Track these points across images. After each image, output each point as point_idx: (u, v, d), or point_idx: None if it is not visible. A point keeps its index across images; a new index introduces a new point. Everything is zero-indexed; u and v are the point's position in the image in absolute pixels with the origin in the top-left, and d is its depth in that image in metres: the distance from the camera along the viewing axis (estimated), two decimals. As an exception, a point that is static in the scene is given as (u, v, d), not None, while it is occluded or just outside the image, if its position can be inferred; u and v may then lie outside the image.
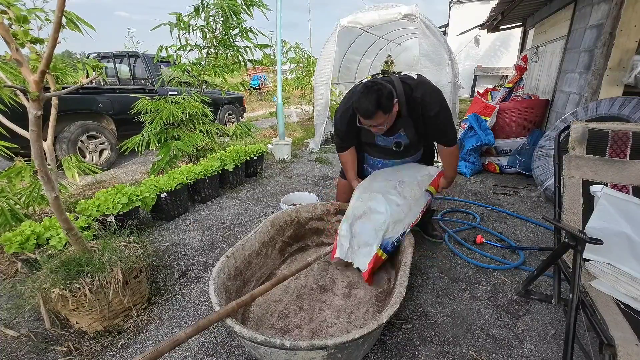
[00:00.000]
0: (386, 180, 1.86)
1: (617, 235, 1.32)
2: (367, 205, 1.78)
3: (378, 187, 1.84)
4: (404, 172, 1.93)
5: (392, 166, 2.02)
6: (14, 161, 2.13)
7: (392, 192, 1.80)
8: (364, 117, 1.57)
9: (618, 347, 0.93)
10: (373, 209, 1.76)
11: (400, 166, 2.00)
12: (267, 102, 12.54)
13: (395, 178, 1.87)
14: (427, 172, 1.94)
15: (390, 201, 1.75)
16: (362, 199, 1.83)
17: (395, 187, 1.81)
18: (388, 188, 1.81)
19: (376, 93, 1.50)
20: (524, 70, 3.98)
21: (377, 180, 1.91)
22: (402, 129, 1.76)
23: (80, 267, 1.41)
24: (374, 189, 1.84)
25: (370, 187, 1.87)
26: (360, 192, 1.88)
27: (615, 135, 1.53)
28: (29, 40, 1.17)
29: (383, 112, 1.53)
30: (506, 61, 11.24)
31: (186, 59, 3.48)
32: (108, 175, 4.06)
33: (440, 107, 1.67)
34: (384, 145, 1.89)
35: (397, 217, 1.72)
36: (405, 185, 1.83)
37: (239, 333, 1.06)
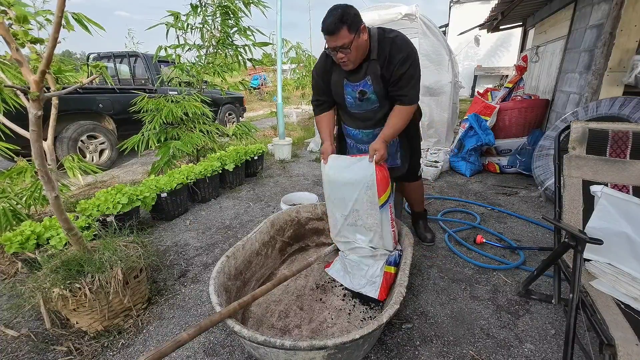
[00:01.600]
0: (344, 216, 1.72)
1: (617, 235, 1.32)
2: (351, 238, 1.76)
3: (342, 228, 1.76)
4: (348, 198, 1.68)
5: (361, 137, 1.89)
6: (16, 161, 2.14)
7: (355, 228, 1.71)
8: (328, 33, 1.47)
9: (618, 347, 0.93)
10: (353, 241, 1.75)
11: (340, 187, 1.71)
12: (267, 102, 12.55)
13: (349, 208, 1.68)
14: (365, 184, 1.61)
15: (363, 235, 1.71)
16: (341, 241, 1.82)
17: (356, 221, 1.69)
18: (352, 226, 1.72)
19: (342, 9, 1.44)
20: (524, 70, 3.98)
21: (337, 216, 1.77)
22: (369, 77, 1.64)
23: (80, 267, 1.41)
24: (342, 231, 1.76)
25: (337, 229, 1.79)
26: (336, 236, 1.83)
27: (616, 135, 1.53)
28: (29, 40, 1.17)
29: (348, 29, 1.44)
30: (506, 61, 11.23)
31: (185, 59, 3.49)
32: (108, 175, 4.07)
33: (409, 54, 1.58)
34: (352, 97, 1.74)
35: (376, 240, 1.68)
36: (360, 213, 1.66)
37: (239, 333, 1.06)
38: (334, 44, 1.50)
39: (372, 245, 1.68)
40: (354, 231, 1.72)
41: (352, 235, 1.74)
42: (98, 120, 4.34)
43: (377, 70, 1.62)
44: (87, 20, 1.43)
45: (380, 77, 1.63)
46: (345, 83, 1.71)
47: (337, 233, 1.80)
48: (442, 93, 4.06)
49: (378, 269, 1.65)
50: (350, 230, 1.74)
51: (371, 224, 1.64)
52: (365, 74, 1.64)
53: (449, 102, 4.06)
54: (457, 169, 3.73)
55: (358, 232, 1.71)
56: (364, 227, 1.67)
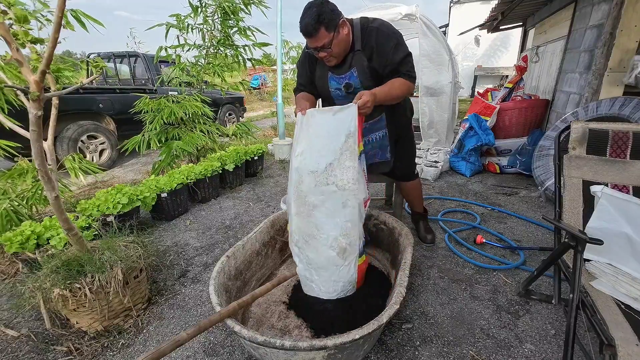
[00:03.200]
0: (313, 174, 1.44)
1: (617, 235, 1.32)
2: (311, 221, 1.46)
3: (309, 189, 1.45)
4: (325, 150, 1.43)
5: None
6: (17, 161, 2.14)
7: (326, 189, 1.42)
8: (306, 35, 1.43)
9: (618, 347, 0.93)
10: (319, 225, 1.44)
11: (314, 139, 1.47)
12: (267, 102, 12.54)
13: (323, 163, 1.42)
14: (346, 131, 1.40)
15: (334, 203, 1.41)
16: (303, 215, 1.48)
17: (327, 178, 1.41)
18: (322, 186, 1.43)
19: (317, 7, 1.38)
20: (524, 70, 3.98)
21: (303, 175, 1.47)
22: (355, 68, 1.60)
23: (80, 267, 1.41)
24: (308, 196, 1.45)
25: (302, 193, 1.48)
26: (295, 207, 1.50)
27: (616, 135, 1.53)
28: (29, 40, 1.18)
29: (326, 29, 1.40)
30: (506, 61, 11.23)
31: (185, 59, 3.49)
32: (108, 175, 4.07)
33: (398, 39, 1.55)
34: (337, 89, 1.68)
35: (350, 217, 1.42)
36: (335, 168, 1.40)
37: (239, 333, 1.06)
38: (313, 44, 1.48)
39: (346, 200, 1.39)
40: (322, 196, 1.42)
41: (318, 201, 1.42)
42: (98, 120, 4.34)
43: (364, 61, 1.59)
44: (86, 17, 1.43)
45: (367, 69, 1.60)
46: (330, 76, 1.68)
47: (298, 212, 1.48)
48: (442, 93, 4.06)
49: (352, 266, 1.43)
50: (318, 192, 1.42)
51: (347, 181, 1.38)
52: (351, 66, 1.61)
53: (449, 102, 4.06)
54: (457, 169, 3.72)
55: (328, 196, 1.41)
56: (335, 185, 1.39)
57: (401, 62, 1.56)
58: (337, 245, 1.41)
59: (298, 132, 1.52)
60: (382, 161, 1.91)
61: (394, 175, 2.05)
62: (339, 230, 1.41)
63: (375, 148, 1.87)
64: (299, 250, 1.52)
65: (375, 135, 1.84)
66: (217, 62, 3.44)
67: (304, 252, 1.49)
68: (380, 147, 1.87)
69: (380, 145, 1.87)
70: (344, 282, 1.45)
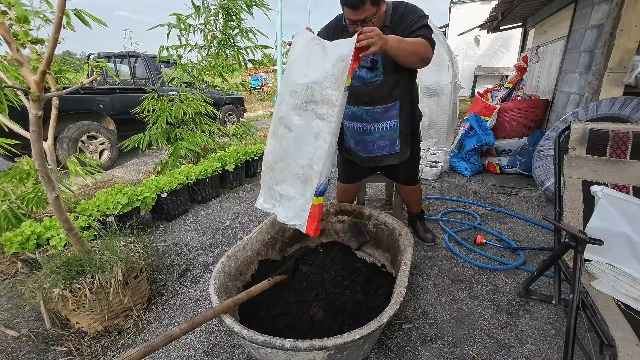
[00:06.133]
0: (293, 95, 1.38)
1: (617, 235, 1.32)
2: (282, 144, 1.44)
3: (287, 111, 1.41)
4: (311, 69, 1.35)
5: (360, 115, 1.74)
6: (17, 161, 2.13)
7: (304, 115, 1.35)
8: (351, 6, 1.41)
9: (618, 347, 0.93)
10: (289, 149, 1.41)
11: (303, 56, 1.41)
12: (267, 102, 12.55)
13: (304, 83, 1.34)
14: (338, 57, 1.29)
15: (308, 132, 1.34)
16: (277, 136, 1.46)
17: (306, 104, 1.33)
18: (299, 110, 1.37)
19: None
20: (524, 71, 3.98)
21: (285, 96, 1.43)
22: None
23: (80, 267, 1.41)
24: (284, 117, 1.42)
25: (280, 114, 1.45)
26: (273, 126, 1.50)
27: (616, 135, 1.53)
28: (29, 40, 1.18)
29: (372, 3, 1.40)
30: (506, 61, 11.22)
31: (187, 59, 3.49)
32: (109, 175, 4.07)
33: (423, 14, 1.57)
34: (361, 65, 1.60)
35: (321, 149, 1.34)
36: (315, 92, 1.31)
37: (239, 333, 1.06)
38: (355, 17, 1.44)
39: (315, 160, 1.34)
40: (298, 121, 1.36)
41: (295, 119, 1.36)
42: (98, 120, 4.34)
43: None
44: (89, 16, 1.43)
45: None
46: None
47: (273, 132, 1.46)
48: (442, 93, 4.06)
49: (307, 200, 1.39)
50: (295, 116, 1.37)
51: (325, 111, 1.30)
52: None
53: (449, 103, 4.06)
54: (457, 169, 3.72)
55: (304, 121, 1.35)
56: (314, 112, 1.31)
57: (421, 27, 1.53)
58: (302, 173, 1.38)
59: (294, 44, 1.46)
60: (391, 153, 1.83)
61: (397, 179, 2.05)
62: (306, 160, 1.36)
63: (385, 138, 1.79)
64: (266, 169, 1.54)
65: (386, 124, 1.76)
66: (218, 62, 3.45)
67: (272, 172, 1.51)
68: (390, 138, 1.80)
69: (389, 136, 1.80)
70: (296, 213, 1.43)
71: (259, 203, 1.63)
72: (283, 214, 1.50)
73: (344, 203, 2.08)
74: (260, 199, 1.64)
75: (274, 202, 1.54)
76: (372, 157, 1.85)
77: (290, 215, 1.46)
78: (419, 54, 1.48)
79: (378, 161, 1.86)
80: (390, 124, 1.75)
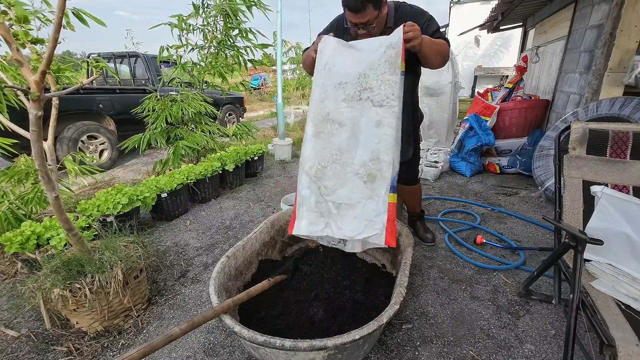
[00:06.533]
0: (342, 86, 1.24)
1: (617, 235, 1.32)
2: (333, 142, 1.21)
3: (335, 105, 1.25)
4: (358, 60, 1.27)
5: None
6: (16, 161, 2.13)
7: (358, 106, 1.20)
8: (353, 10, 1.40)
9: (618, 347, 0.93)
10: (343, 147, 1.20)
11: (344, 50, 1.34)
12: (267, 102, 12.55)
13: (354, 73, 1.23)
14: (387, 44, 1.23)
15: (366, 122, 1.17)
16: (323, 136, 1.23)
17: (360, 92, 1.20)
18: (351, 101, 1.21)
19: None
20: (524, 71, 3.98)
21: (328, 90, 1.27)
22: None
23: (80, 267, 1.41)
24: (332, 113, 1.24)
25: (324, 111, 1.25)
26: (314, 127, 1.26)
27: (616, 135, 1.53)
28: (29, 40, 1.18)
29: (373, 7, 1.40)
30: (506, 61, 11.22)
31: (187, 59, 3.49)
32: (109, 175, 4.07)
33: (429, 15, 1.59)
34: None
35: (386, 138, 1.16)
36: (371, 80, 1.20)
37: (239, 333, 1.06)
38: (357, 20, 1.44)
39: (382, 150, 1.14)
40: (351, 112, 1.19)
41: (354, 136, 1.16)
42: (98, 120, 4.34)
43: None
44: (88, 16, 1.43)
45: None
46: None
47: (316, 132, 1.23)
48: (442, 93, 4.06)
49: (380, 200, 1.12)
50: (347, 108, 1.21)
51: (385, 96, 1.16)
52: None
53: (449, 103, 4.06)
54: (457, 169, 3.72)
55: (359, 112, 1.18)
56: (370, 101, 1.17)
57: (434, 32, 1.57)
58: (364, 172, 1.15)
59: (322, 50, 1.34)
60: None
61: (399, 179, 2.04)
62: (369, 154, 1.15)
63: None
64: (310, 181, 1.23)
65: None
66: (218, 62, 3.45)
67: (320, 181, 1.21)
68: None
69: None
70: (368, 221, 1.13)
71: (301, 228, 1.24)
72: (347, 229, 1.17)
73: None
74: (301, 223, 1.24)
75: (325, 220, 1.21)
76: None
77: (359, 227, 1.15)
78: (442, 55, 1.51)
79: None
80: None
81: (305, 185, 1.26)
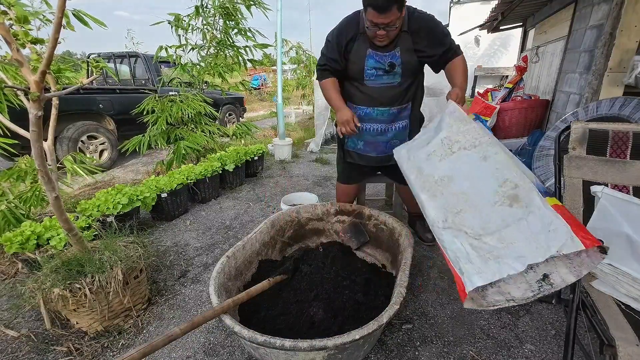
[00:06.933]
0: (431, 155, 1.33)
1: (617, 235, 1.32)
2: (453, 191, 1.21)
3: (434, 169, 1.32)
4: (428, 132, 1.45)
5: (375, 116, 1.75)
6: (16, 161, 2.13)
7: (454, 157, 1.27)
8: (380, 10, 1.41)
9: (619, 347, 0.93)
10: (465, 190, 1.18)
11: (421, 134, 1.53)
12: (267, 102, 12.55)
13: (435, 141, 1.35)
14: (449, 112, 1.42)
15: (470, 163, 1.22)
16: (439, 195, 1.25)
17: (450, 148, 1.30)
18: (447, 157, 1.28)
19: None
20: (524, 71, 3.98)
21: (422, 166, 1.37)
22: (399, 48, 1.64)
23: (80, 268, 1.41)
24: (435, 176, 1.30)
25: (429, 179, 1.32)
26: (427, 193, 1.31)
27: (616, 135, 1.53)
28: (29, 40, 1.17)
29: (398, 8, 1.42)
30: (506, 61, 11.24)
31: (187, 59, 3.50)
32: (108, 175, 4.07)
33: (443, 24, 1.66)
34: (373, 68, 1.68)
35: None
36: (452, 137, 1.31)
37: (239, 333, 1.06)
38: (380, 20, 1.44)
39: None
40: (450, 164, 1.24)
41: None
42: (98, 120, 4.34)
43: (409, 43, 1.62)
44: (88, 17, 1.43)
45: (413, 51, 1.65)
46: (370, 54, 1.65)
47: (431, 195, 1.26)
48: (442, 93, 4.06)
49: (542, 210, 1.00)
50: (444, 164, 1.26)
51: (472, 140, 1.24)
52: (395, 46, 1.63)
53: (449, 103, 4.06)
54: (457, 169, 3.72)
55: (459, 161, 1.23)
56: (464, 149, 1.25)
57: (451, 44, 1.68)
58: (501, 198, 1.06)
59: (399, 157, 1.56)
60: None
61: (399, 179, 2.05)
62: (495, 183, 1.10)
63: (397, 139, 1.86)
64: (453, 231, 1.15)
65: (399, 124, 1.84)
66: (218, 62, 3.45)
67: (465, 226, 1.11)
68: (401, 138, 1.86)
69: (400, 136, 1.86)
70: (545, 235, 0.97)
71: (474, 282, 1.00)
72: (528, 255, 0.97)
73: (344, 203, 2.08)
74: (472, 279, 1.02)
75: (495, 258, 1.02)
76: (383, 156, 1.91)
77: (540, 245, 0.96)
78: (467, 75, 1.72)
79: (386, 160, 1.91)
80: (402, 124, 1.85)
81: (450, 239, 1.14)
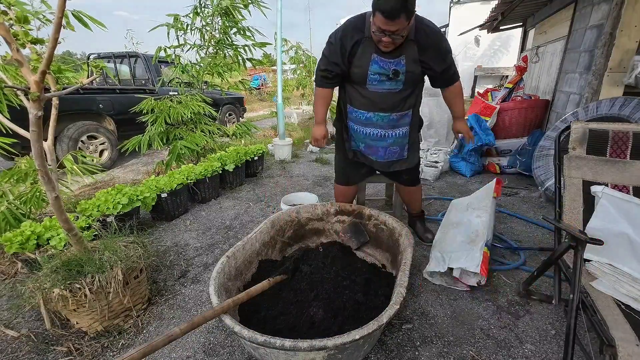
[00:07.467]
0: (456, 226, 2.06)
1: (617, 235, 1.32)
2: (452, 232, 2.02)
3: (454, 215, 2.21)
4: (464, 199, 2.35)
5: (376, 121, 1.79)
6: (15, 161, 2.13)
7: (467, 212, 2.13)
8: (388, 16, 1.39)
9: (618, 347, 0.93)
10: (459, 231, 1.99)
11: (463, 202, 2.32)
12: (267, 102, 12.55)
13: (462, 205, 2.26)
14: (487, 189, 2.25)
15: (468, 218, 2.05)
16: (448, 232, 2.05)
17: (467, 209, 2.17)
18: (463, 212, 2.16)
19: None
20: (524, 71, 3.98)
21: (448, 227, 2.12)
22: (404, 56, 1.62)
23: (80, 268, 1.41)
24: (452, 219, 2.16)
25: (447, 223, 2.15)
26: (443, 230, 2.11)
27: (616, 135, 1.53)
28: (29, 40, 1.18)
29: (406, 18, 1.40)
30: (506, 61, 11.24)
31: (186, 59, 3.50)
32: (108, 175, 4.07)
33: (446, 39, 1.67)
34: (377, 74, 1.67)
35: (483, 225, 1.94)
36: (473, 204, 2.18)
37: (239, 333, 1.06)
38: (387, 28, 1.42)
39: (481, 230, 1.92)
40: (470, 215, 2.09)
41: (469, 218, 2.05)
42: (98, 120, 4.34)
43: (415, 53, 1.61)
44: (88, 18, 1.43)
45: (419, 62, 1.64)
46: (375, 59, 1.63)
47: (445, 232, 2.05)
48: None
49: (477, 252, 1.75)
50: (459, 217, 2.13)
51: (480, 206, 2.10)
52: (401, 54, 1.61)
53: (449, 103, 4.06)
54: (457, 169, 3.72)
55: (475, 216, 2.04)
56: (473, 209, 2.12)
57: (452, 63, 1.73)
58: (468, 240, 1.88)
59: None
60: (400, 159, 1.91)
61: (399, 180, 2.05)
62: (471, 232, 1.93)
63: (396, 145, 1.86)
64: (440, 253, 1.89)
65: (399, 131, 1.83)
66: (217, 62, 3.45)
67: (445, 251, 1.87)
68: (400, 144, 1.87)
69: (400, 143, 1.87)
70: (471, 261, 1.71)
71: (431, 266, 1.86)
72: (460, 265, 1.74)
73: (344, 203, 2.08)
74: (430, 265, 1.87)
75: (446, 263, 1.79)
76: (383, 162, 1.91)
77: (466, 264, 1.73)
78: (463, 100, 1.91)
79: (386, 167, 1.93)
80: (402, 130, 1.84)
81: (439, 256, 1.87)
